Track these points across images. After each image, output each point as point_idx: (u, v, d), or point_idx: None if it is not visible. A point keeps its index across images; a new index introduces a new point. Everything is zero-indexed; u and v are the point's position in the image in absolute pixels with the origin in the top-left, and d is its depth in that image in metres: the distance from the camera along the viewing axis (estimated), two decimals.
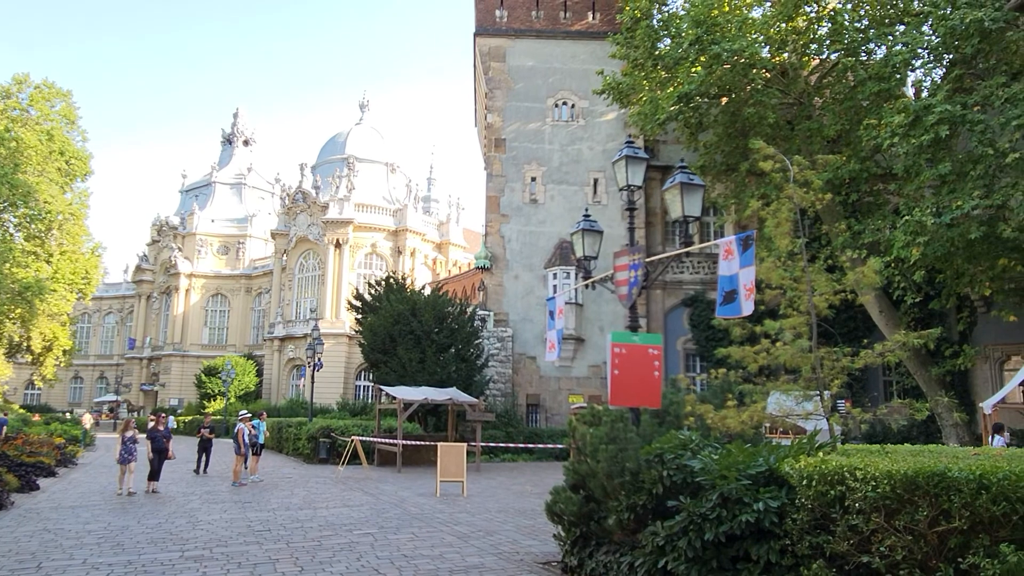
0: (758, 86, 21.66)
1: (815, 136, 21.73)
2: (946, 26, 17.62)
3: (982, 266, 18.12)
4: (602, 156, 29.29)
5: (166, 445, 15.94)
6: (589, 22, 30.47)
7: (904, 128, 17.24)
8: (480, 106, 34.69)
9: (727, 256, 6.82)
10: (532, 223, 29.32)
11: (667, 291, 28.96)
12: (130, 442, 15.10)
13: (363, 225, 48.57)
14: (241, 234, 61.23)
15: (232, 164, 66.14)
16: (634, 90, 24.79)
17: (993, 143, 16.33)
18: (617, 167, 8.85)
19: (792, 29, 22.50)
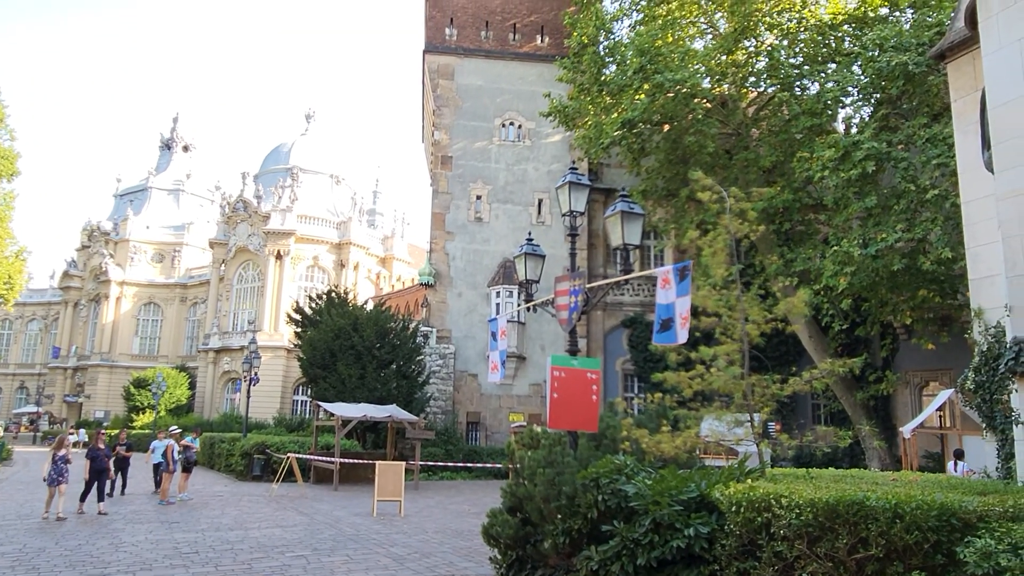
0: (699, 115, 22.35)
1: (752, 166, 22.50)
2: (874, 67, 18.61)
3: (904, 296, 19.04)
4: (547, 177, 29.68)
5: (107, 464, 15.02)
6: (538, 45, 30.95)
7: (834, 162, 18.07)
8: (428, 123, 34.75)
9: (664, 285, 7.05)
10: (477, 241, 29.44)
11: (607, 312, 29.42)
12: (62, 462, 13.67)
13: (306, 237, 47.85)
14: (177, 242, 59.48)
15: (170, 170, 64.36)
16: (580, 114, 25.28)
17: (915, 180, 17.26)
18: (560, 192, 9.05)
19: (732, 62, 23.34)
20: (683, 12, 24.32)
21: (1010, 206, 6.60)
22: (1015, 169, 6.58)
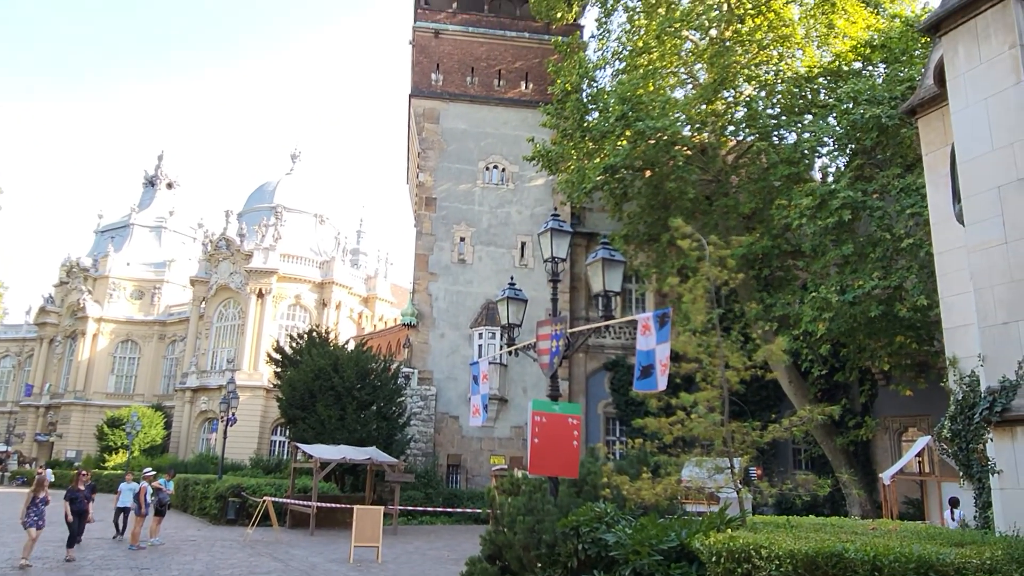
0: (679, 162, 22.78)
1: (731, 212, 22.88)
2: (848, 119, 19.15)
3: (881, 342, 19.28)
4: (530, 220, 29.95)
5: (87, 507, 14.60)
6: (522, 91, 31.51)
7: (811, 210, 18.46)
8: (413, 165, 35.08)
9: (645, 331, 7.12)
10: (460, 282, 29.51)
11: (589, 355, 29.45)
12: (42, 503, 12.96)
13: (288, 276, 47.66)
14: (158, 279, 58.97)
15: (153, 207, 64.14)
16: (563, 159, 25.67)
17: (890, 228, 17.64)
18: (543, 239, 9.17)
19: (711, 111, 23.91)
20: (664, 63, 24.94)
21: (981, 258, 6.78)
22: (984, 222, 6.78)
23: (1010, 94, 6.69)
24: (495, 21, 32.04)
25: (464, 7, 32.07)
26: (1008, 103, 6.68)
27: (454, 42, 31.60)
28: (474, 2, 32.23)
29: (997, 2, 6.90)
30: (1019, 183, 6.50)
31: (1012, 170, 6.56)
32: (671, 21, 23.44)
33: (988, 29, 6.98)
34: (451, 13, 31.82)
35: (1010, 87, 6.69)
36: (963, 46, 7.22)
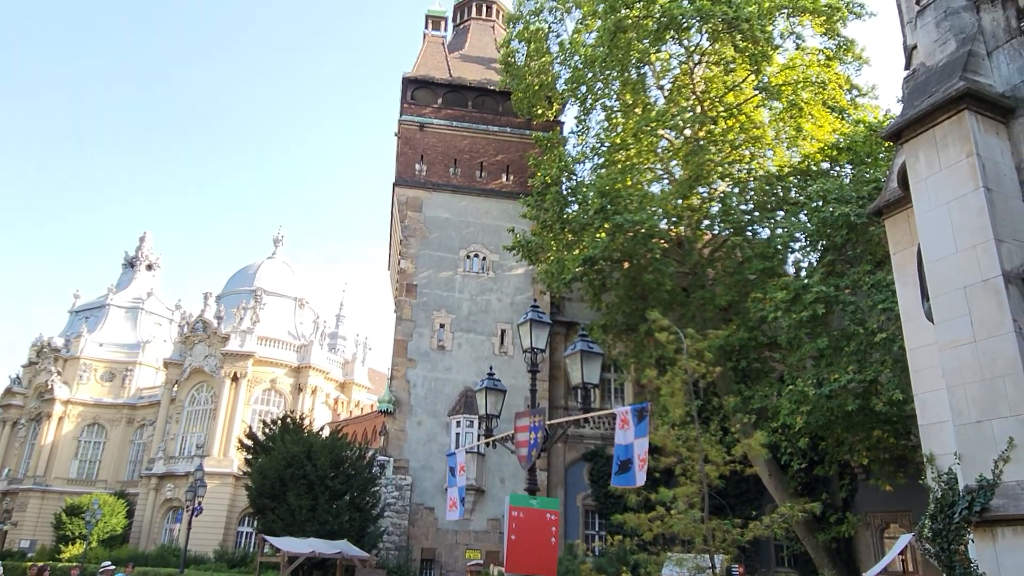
0: (656, 255, 23.26)
1: (708, 304, 23.21)
2: (819, 217, 19.80)
3: (859, 436, 19.28)
4: (510, 308, 30.12)
5: None
6: (503, 182, 32.32)
7: (786, 304, 18.81)
8: (394, 251, 35.44)
9: (623, 425, 7.11)
10: (438, 369, 29.32)
11: (568, 445, 29.05)
12: None
13: (264, 359, 47.06)
14: (130, 361, 57.92)
15: (131, 287, 63.71)
16: (543, 249, 26.12)
17: (863, 323, 17.97)
18: (522, 329, 9.23)
19: (687, 206, 24.65)
20: (641, 159, 25.85)
21: (951, 356, 6.92)
22: (953, 321, 6.96)
23: (970, 199, 7.01)
24: (478, 116, 33.17)
25: (449, 103, 33.23)
26: (969, 208, 6.99)
27: (438, 135, 32.57)
28: (458, 98, 33.43)
29: (953, 114, 7.33)
30: (984, 284, 6.72)
31: (976, 271, 6.79)
32: (647, 121, 24.44)
33: (946, 138, 7.37)
34: (436, 108, 32.94)
35: (969, 192, 7.02)
36: (923, 153, 7.61)
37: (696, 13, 22.33)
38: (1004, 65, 7.61)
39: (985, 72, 7.60)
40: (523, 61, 29.74)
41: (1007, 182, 7.15)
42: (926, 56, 8.33)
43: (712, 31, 23.44)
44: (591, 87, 27.09)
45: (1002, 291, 6.57)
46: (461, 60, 35.86)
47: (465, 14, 40.12)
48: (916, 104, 7.76)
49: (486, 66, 35.52)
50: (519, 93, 29.49)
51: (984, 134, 7.23)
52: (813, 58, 24.44)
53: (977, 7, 8.03)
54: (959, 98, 7.25)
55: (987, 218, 6.83)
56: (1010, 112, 7.37)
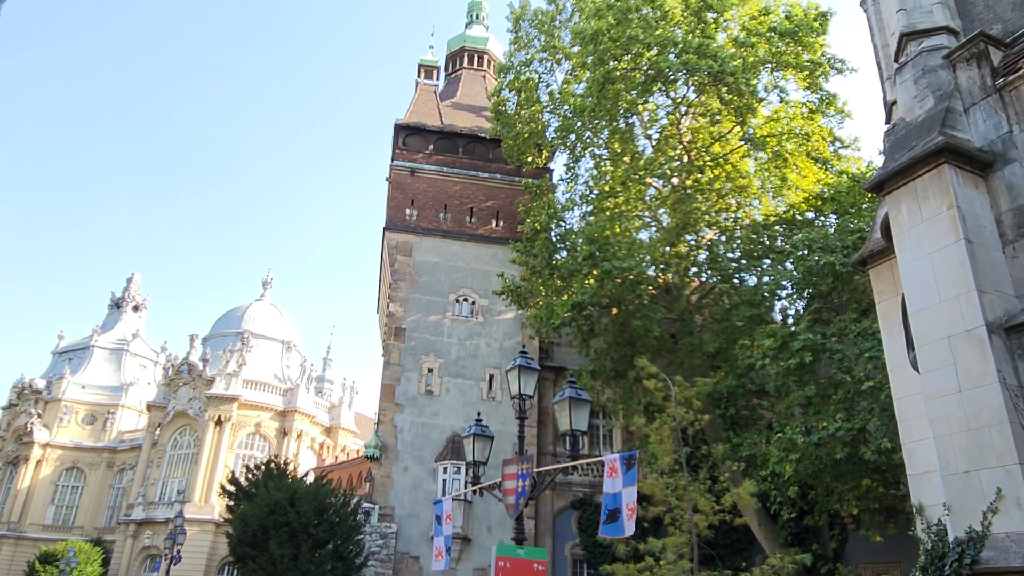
0: (644, 301, 23.37)
1: (696, 351, 23.25)
2: (805, 265, 20.02)
3: (848, 485, 19.15)
4: (499, 353, 30.03)
5: None
6: (493, 228, 32.54)
7: (774, 351, 18.86)
8: (383, 294, 35.43)
9: (611, 474, 7.06)
10: (426, 414, 29.06)
11: (557, 492, 28.68)
12: None
13: (250, 403, 46.49)
14: (113, 403, 57.07)
15: (117, 328, 63.14)
16: (531, 294, 26.21)
17: (850, 371, 18.03)
18: (510, 375, 9.22)
19: (675, 253, 24.89)
20: (629, 207, 26.17)
21: (937, 406, 6.96)
22: (938, 371, 7.02)
23: (951, 250, 7.14)
24: (469, 163, 33.57)
25: (440, 149, 33.65)
26: (951, 259, 7.12)
27: (429, 180, 32.89)
28: (449, 145, 33.87)
29: (933, 167, 7.51)
30: (967, 334, 6.80)
31: (960, 321, 6.88)
32: (635, 169, 24.82)
33: (927, 191, 7.54)
34: (427, 154, 33.34)
35: (951, 244, 7.16)
36: (905, 205, 7.77)
37: (682, 66, 22.87)
38: (981, 121, 7.84)
39: (963, 127, 7.82)
40: (513, 109, 30.26)
41: (987, 234, 7.29)
42: (905, 111, 8.57)
43: (698, 84, 23.99)
44: (580, 135, 27.55)
45: (986, 341, 6.65)
46: (452, 108, 36.45)
47: (457, 64, 40.92)
48: (897, 157, 7.95)
49: (477, 114, 36.10)
50: (509, 140, 29.93)
51: (963, 187, 7.41)
52: (797, 111, 25.02)
53: (953, 66, 8.30)
54: (938, 152, 7.44)
55: (968, 269, 6.95)
56: (988, 166, 7.56)
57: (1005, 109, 7.68)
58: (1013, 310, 6.95)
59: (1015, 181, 7.38)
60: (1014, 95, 7.64)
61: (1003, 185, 7.47)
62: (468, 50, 40.86)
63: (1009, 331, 6.82)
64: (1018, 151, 7.43)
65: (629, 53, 24.32)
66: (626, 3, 24.50)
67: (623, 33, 23.67)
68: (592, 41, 24.47)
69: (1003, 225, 7.37)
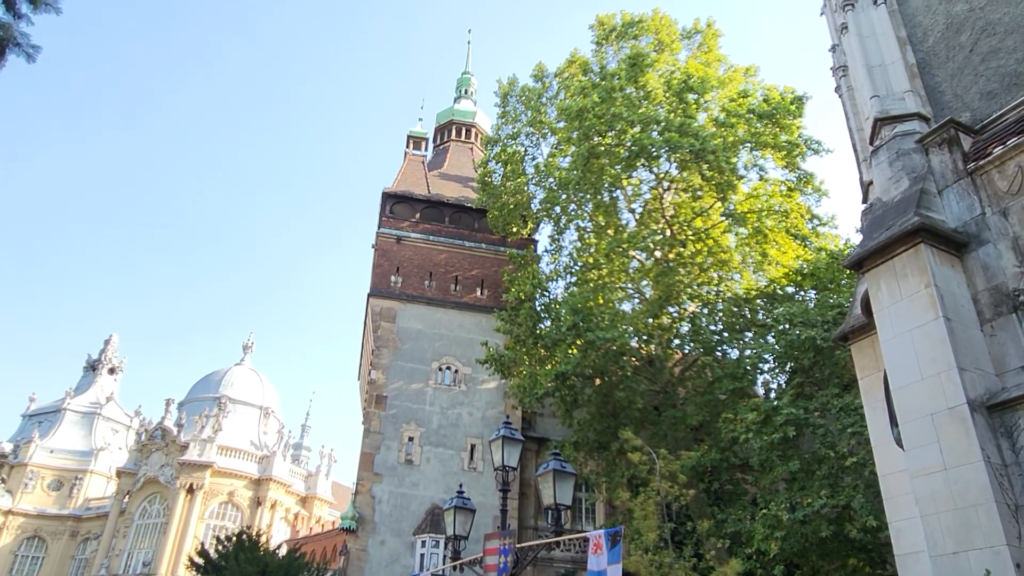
0: (628, 372, 23.35)
1: (680, 423, 23.11)
2: (786, 339, 20.19)
3: (835, 564, 18.83)
4: (481, 423, 29.66)
5: None
6: (477, 296, 32.63)
7: (757, 425, 18.80)
8: (366, 361, 35.10)
9: (596, 550, 6.91)
10: (405, 484, 28.40)
11: (538, 568, 27.80)
12: None
13: (224, 470, 45.28)
14: (81, 469, 55.36)
15: (91, 391, 61.82)
16: (515, 363, 26.09)
17: (834, 446, 17.97)
18: (494, 446, 9.09)
19: (658, 325, 25.02)
20: (612, 278, 26.42)
21: (923, 485, 6.93)
22: (922, 448, 7.03)
23: (931, 328, 7.25)
24: (454, 232, 33.91)
25: (426, 218, 34.02)
26: (931, 336, 7.22)
27: (415, 248, 33.11)
28: (436, 214, 34.27)
29: (910, 247, 7.70)
30: (950, 412, 6.84)
31: (942, 399, 6.93)
32: (619, 242, 25.18)
33: (905, 269, 7.71)
34: (414, 222, 33.67)
35: (930, 321, 7.28)
36: (885, 283, 7.92)
37: (665, 144, 23.53)
38: (954, 203, 8.09)
39: (937, 209, 8.06)
40: (499, 181, 30.79)
41: (965, 312, 7.43)
42: (882, 192, 8.84)
43: (680, 160, 24.64)
44: (565, 208, 28.02)
45: (968, 420, 6.69)
46: (440, 178, 37.05)
47: (445, 136, 41.82)
48: (875, 236, 8.15)
49: (464, 184, 36.70)
50: (495, 211, 30.35)
51: (940, 266, 7.58)
52: (776, 188, 25.68)
53: (926, 150, 8.62)
54: (915, 232, 7.64)
55: (949, 347, 7.05)
56: (963, 246, 7.76)
57: (977, 192, 7.95)
58: (994, 388, 7.02)
59: (990, 262, 7.57)
60: (985, 179, 7.91)
61: (978, 265, 7.65)
62: (456, 123, 41.86)
63: (991, 409, 6.87)
64: (991, 233, 7.65)
65: (613, 129, 25.02)
66: (611, 83, 25.34)
67: (608, 110, 24.40)
68: (578, 117, 25.18)
69: (980, 304, 7.52)
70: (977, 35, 9.02)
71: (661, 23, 29.10)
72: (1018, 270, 7.33)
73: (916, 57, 9.66)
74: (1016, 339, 7.15)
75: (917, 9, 9.94)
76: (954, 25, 9.37)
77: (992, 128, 8.30)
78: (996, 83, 8.64)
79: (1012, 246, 7.44)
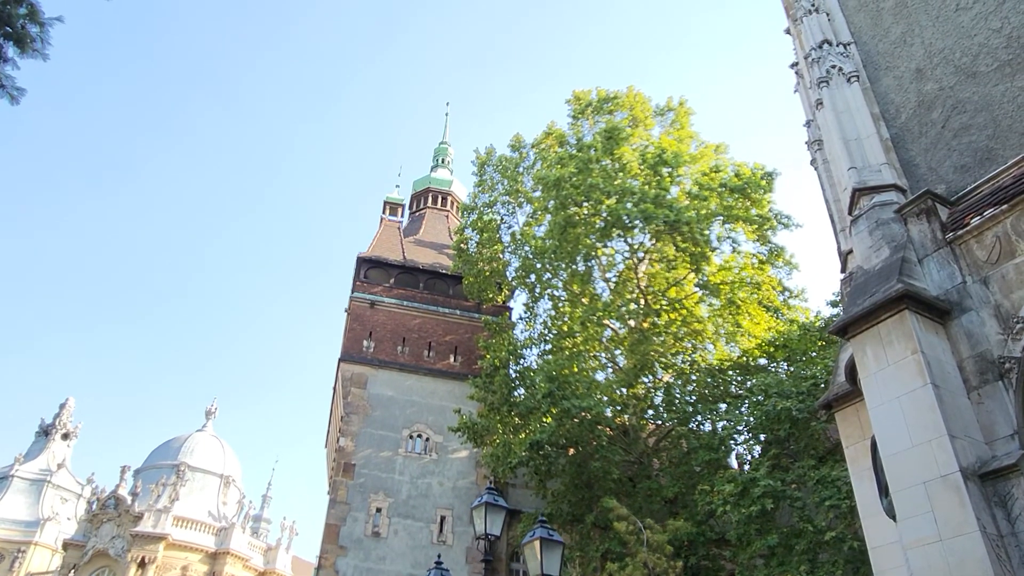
0: (603, 442, 23.05)
1: (655, 495, 22.72)
2: (761, 410, 20.15)
3: None
4: (451, 493, 28.86)
5: None
6: (451, 363, 32.26)
7: (735, 497, 18.53)
8: (334, 428, 34.21)
9: None
10: (371, 559, 27.27)
11: None
12: None
13: (179, 543, 43.09)
14: (25, 540, 52.37)
15: (41, 457, 59.11)
16: (488, 431, 25.62)
17: (812, 520, 17.74)
18: (476, 513, 8.75)
19: (632, 394, 24.90)
20: (587, 346, 26.39)
21: (919, 555, 6.77)
22: (916, 518, 6.89)
23: (920, 394, 7.24)
24: (429, 297, 33.77)
25: (401, 283, 33.90)
26: (920, 403, 7.20)
27: (388, 313, 32.83)
28: (411, 279, 34.18)
29: (895, 313, 7.76)
30: (943, 480, 6.75)
31: (934, 467, 6.85)
32: (593, 311, 25.27)
33: (891, 335, 7.74)
34: (388, 287, 33.50)
35: (919, 388, 7.26)
36: (871, 349, 7.94)
37: (640, 214, 23.93)
38: (935, 272, 8.22)
39: (919, 277, 8.18)
40: (475, 248, 30.95)
41: (952, 380, 7.44)
42: (863, 260, 8.96)
43: (654, 231, 25.05)
44: (540, 276, 28.16)
45: (962, 488, 6.60)
46: (415, 244, 37.15)
47: (421, 203, 42.19)
48: (859, 303, 8.21)
49: (439, 251, 36.81)
50: (470, 278, 30.37)
51: (925, 333, 7.63)
52: (747, 261, 26.15)
53: (905, 220, 8.81)
54: (899, 298, 7.71)
55: (938, 414, 7.01)
56: (946, 314, 7.84)
57: (957, 261, 8.09)
58: (985, 457, 6.97)
59: (973, 329, 7.64)
60: (964, 248, 8.07)
61: (962, 333, 7.72)
62: (433, 191, 42.31)
63: (983, 478, 6.80)
64: (973, 301, 7.76)
65: (589, 199, 25.44)
66: (587, 154, 25.92)
67: (584, 181, 24.86)
68: (555, 186, 25.60)
69: (966, 371, 7.54)
70: (948, 112, 9.37)
71: (635, 100, 30.05)
72: (1001, 337, 7.40)
73: (890, 132, 9.99)
74: (1003, 407, 7.15)
75: (889, 87, 10.35)
76: (925, 103, 9.74)
77: (968, 199, 8.53)
78: (969, 157, 8.93)
79: (995, 314, 7.53)
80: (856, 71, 10.56)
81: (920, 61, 10.02)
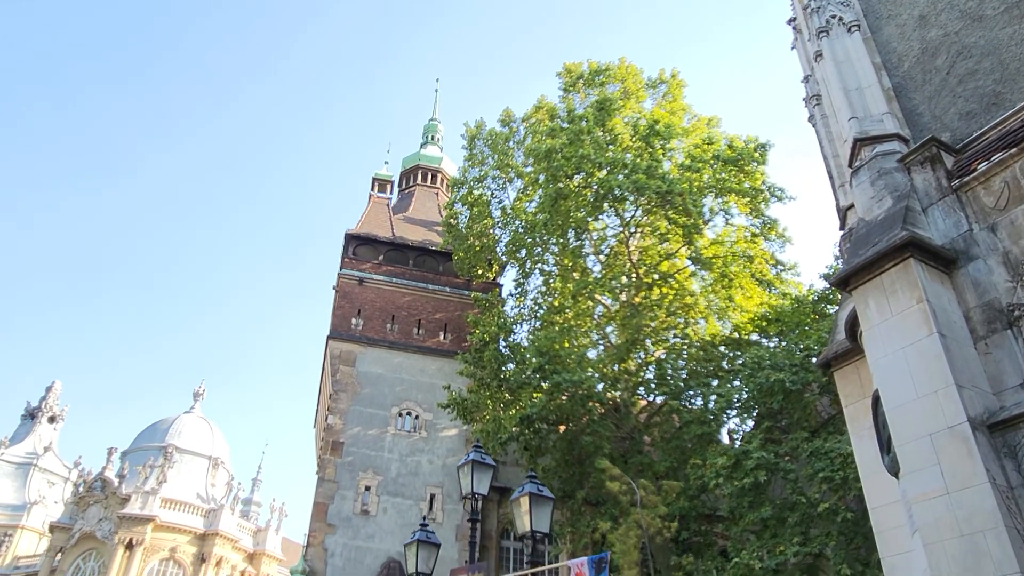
0: (594, 417, 22.76)
1: (647, 470, 22.49)
2: (754, 383, 19.89)
3: None
4: (441, 471, 28.60)
5: None
6: (440, 340, 31.91)
7: (727, 470, 18.30)
8: (323, 407, 33.88)
9: None
10: (360, 536, 27.03)
11: None
12: None
13: (167, 524, 42.74)
14: (12, 524, 51.94)
15: (27, 441, 58.57)
16: (478, 408, 25.31)
17: (804, 492, 17.54)
18: (462, 471, 8.42)
19: (624, 370, 24.59)
20: (578, 322, 26.06)
21: (924, 511, 6.47)
22: (922, 471, 6.59)
23: (925, 344, 6.92)
24: (418, 274, 33.35)
25: (390, 260, 33.45)
26: (925, 353, 6.87)
27: (377, 291, 32.40)
28: (400, 256, 33.73)
29: (899, 261, 7.42)
30: (950, 431, 6.45)
31: (941, 418, 6.54)
32: (584, 285, 24.91)
33: (895, 285, 7.41)
34: (377, 264, 33.05)
35: (924, 338, 6.94)
36: (873, 300, 7.60)
37: (632, 185, 23.53)
38: (940, 220, 7.88)
39: (923, 226, 7.84)
40: (465, 224, 30.49)
41: (958, 329, 7.13)
42: (864, 212, 8.62)
43: (646, 204, 24.66)
44: (530, 251, 27.74)
45: (971, 439, 6.30)
46: (404, 221, 36.66)
47: (411, 180, 41.64)
48: (862, 253, 7.87)
49: (428, 228, 36.34)
50: (460, 254, 29.94)
51: (931, 282, 7.30)
52: (740, 234, 25.82)
53: (908, 169, 8.46)
54: (904, 246, 7.37)
55: (945, 363, 6.70)
56: (952, 263, 7.51)
57: (963, 209, 7.75)
58: (993, 407, 6.66)
59: (980, 278, 7.32)
60: (971, 196, 7.73)
61: (968, 282, 7.39)
62: (422, 168, 41.75)
63: (991, 428, 6.50)
64: (980, 249, 7.43)
65: (581, 172, 25.00)
66: (578, 125, 25.45)
67: (575, 152, 24.41)
68: (546, 158, 25.14)
69: (972, 321, 7.22)
70: (953, 58, 9.01)
71: (627, 72, 29.57)
72: (1010, 285, 7.07)
73: (892, 82, 9.62)
74: (1012, 356, 6.84)
75: (891, 36, 9.97)
76: (929, 50, 9.37)
77: (974, 146, 8.18)
78: (975, 103, 8.58)
79: (1003, 261, 7.20)
80: (857, 20, 10.17)
81: (924, 7, 9.64)
